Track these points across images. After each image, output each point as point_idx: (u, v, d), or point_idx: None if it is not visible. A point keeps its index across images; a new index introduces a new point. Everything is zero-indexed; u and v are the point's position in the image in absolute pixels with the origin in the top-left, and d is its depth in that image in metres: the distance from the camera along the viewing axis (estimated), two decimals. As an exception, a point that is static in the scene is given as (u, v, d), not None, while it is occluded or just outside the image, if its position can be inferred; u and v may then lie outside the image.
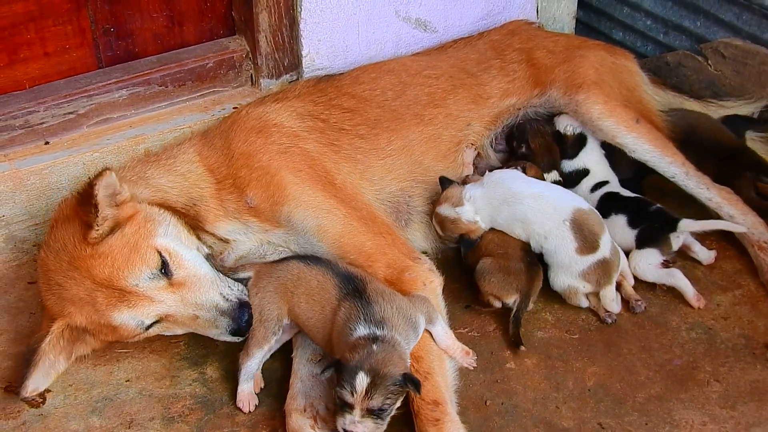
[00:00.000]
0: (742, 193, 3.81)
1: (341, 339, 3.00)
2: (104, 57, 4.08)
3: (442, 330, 3.24)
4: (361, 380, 2.81)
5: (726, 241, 3.86)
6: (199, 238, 3.40)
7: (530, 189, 3.59)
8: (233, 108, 4.14)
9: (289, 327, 3.28)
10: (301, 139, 3.62)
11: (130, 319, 3.14)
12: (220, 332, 3.22)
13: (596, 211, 3.58)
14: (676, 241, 3.62)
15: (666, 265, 3.60)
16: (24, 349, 3.40)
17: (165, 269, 3.17)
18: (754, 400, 3.22)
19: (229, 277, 3.30)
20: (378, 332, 2.94)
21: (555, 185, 3.78)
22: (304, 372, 3.28)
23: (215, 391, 3.35)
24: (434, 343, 3.21)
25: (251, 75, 4.29)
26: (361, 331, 2.95)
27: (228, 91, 4.27)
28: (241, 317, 3.18)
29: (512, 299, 3.49)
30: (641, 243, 3.63)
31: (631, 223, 3.69)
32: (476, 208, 3.59)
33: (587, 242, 3.45)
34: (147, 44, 4.16)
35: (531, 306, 3.54)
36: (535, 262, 3.56)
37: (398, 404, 2.92)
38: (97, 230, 3.10)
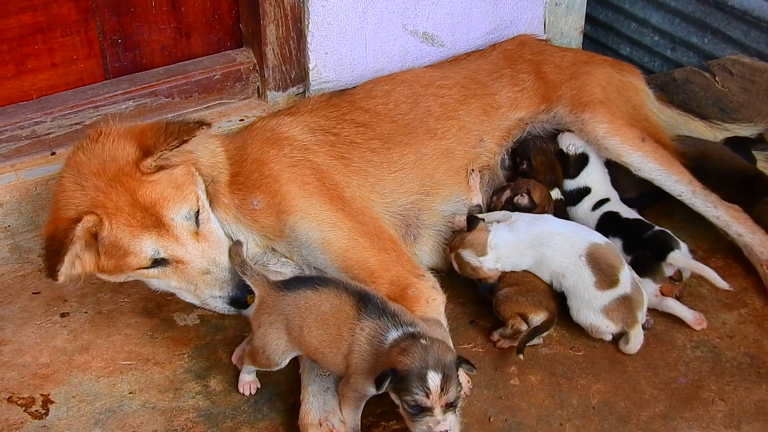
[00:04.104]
0: (763, 221, 3.79)
1: (366, 357, 2.95)
2: (111, 68, 4.10)
3: None
4: (434, 379, 2.75)
5: (732, 259, 3.85)
6: None
7: (549, 228, 3.56)
8: (240, 120, 4.15)
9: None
10: (311, 152, 3.62)
11: (149, 247, 3.19)
12: (219, 296, 3.29)
13: (613, 245, 3.54)
14: (669, 268, 3.58)
15: (671, 283, 3.58)
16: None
17: (197, 217, 3.28)
18: (759, 420, 3.21)
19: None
20: (412, 329, 2.92)
21: (570, 222, 3.73)
22: (315, 387, 3.26)
23: (218, 405, 3.35)
24: None
25: (258, 87, 4.29)
26: (394, 334, 2.91)
27: (235, 103, 4.28)
28: (245, 290, 3.26)
29: (540, 317, 3.45)
30: (635, 271, 3.58)
31: (626, 249, 3.67)
32: (498, 256, 3.55)
33: (605, 276, 3.40)
34: (154, 56, 4.17)
35: (541, 340, 3.52)
36: (556, 294, 3.55)
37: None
38: (154, 161, 3.18)
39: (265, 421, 3.28)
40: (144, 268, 3.23)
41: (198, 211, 3.28)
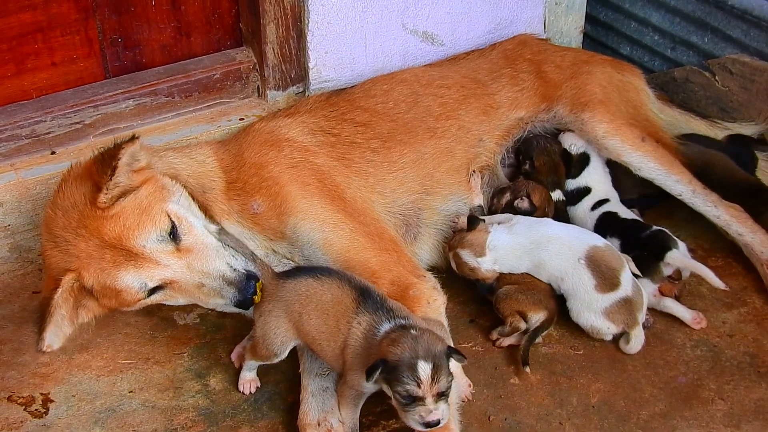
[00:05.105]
0: None
1: (360, 351, 2.95)
2: (111, 67, 4.09)
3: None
4: (424, 368, 2.74)
5: (732, 259, 3.85)
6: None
7: (547, 232, 3.55)
8: (239, 119, 4.15)
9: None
10: (312, 153, 3.62)
11: (134, 280, 3.10)
12: (225, 302, 3.17)
13: (613, 247, 3.53)
14: (666, 268, 3.58)
15: (671, 282, 3.58)
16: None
17: (173, 234, 3.15)
18: (758, 419, 3.21)
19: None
20: (404, 322, 2.92)
21: (569, 225, 3.73)
22: (314, 387, 3.26)
23: (218, 404, 3.35)
24: None
25: (258, 86, 4.29)
26: (386, 326, 2.91)
27: (235, 102, 4.27)
28: (248, 289, 3.13)
29: (539, 316, 3.45)
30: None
31: (624, 248, 3.66)
32: (497, 258, 3.55)
33: (606, 279, 3.39)
34: (154, 55, 4.17)
35: (541, 339, 3.51)
36: (556, 294, 3.55)
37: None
38: (106, 194, 3.08)
39: (264, 420, 3.29)
40: (143, 299, 3.16)
41: (173, 228, 3.15)
